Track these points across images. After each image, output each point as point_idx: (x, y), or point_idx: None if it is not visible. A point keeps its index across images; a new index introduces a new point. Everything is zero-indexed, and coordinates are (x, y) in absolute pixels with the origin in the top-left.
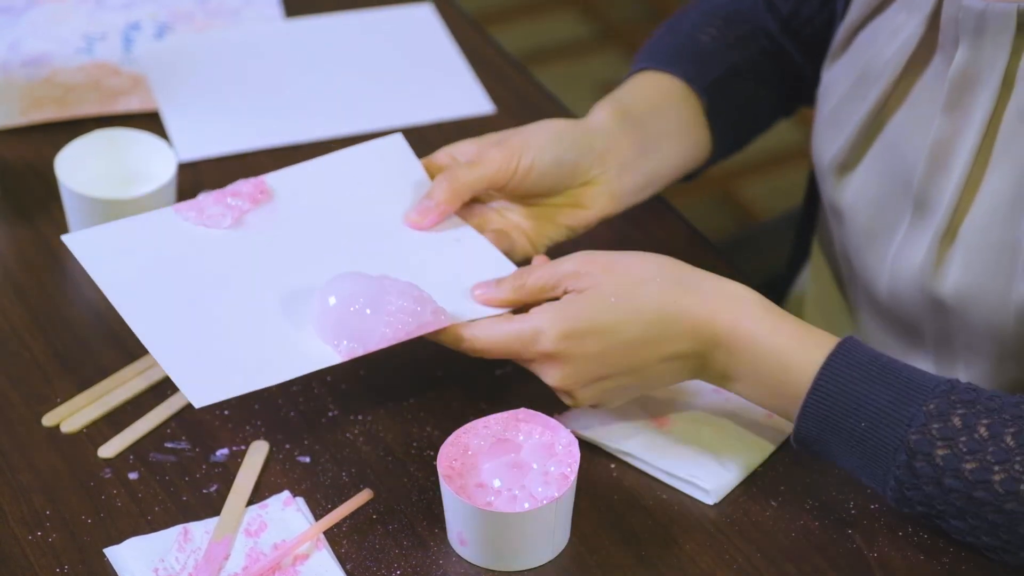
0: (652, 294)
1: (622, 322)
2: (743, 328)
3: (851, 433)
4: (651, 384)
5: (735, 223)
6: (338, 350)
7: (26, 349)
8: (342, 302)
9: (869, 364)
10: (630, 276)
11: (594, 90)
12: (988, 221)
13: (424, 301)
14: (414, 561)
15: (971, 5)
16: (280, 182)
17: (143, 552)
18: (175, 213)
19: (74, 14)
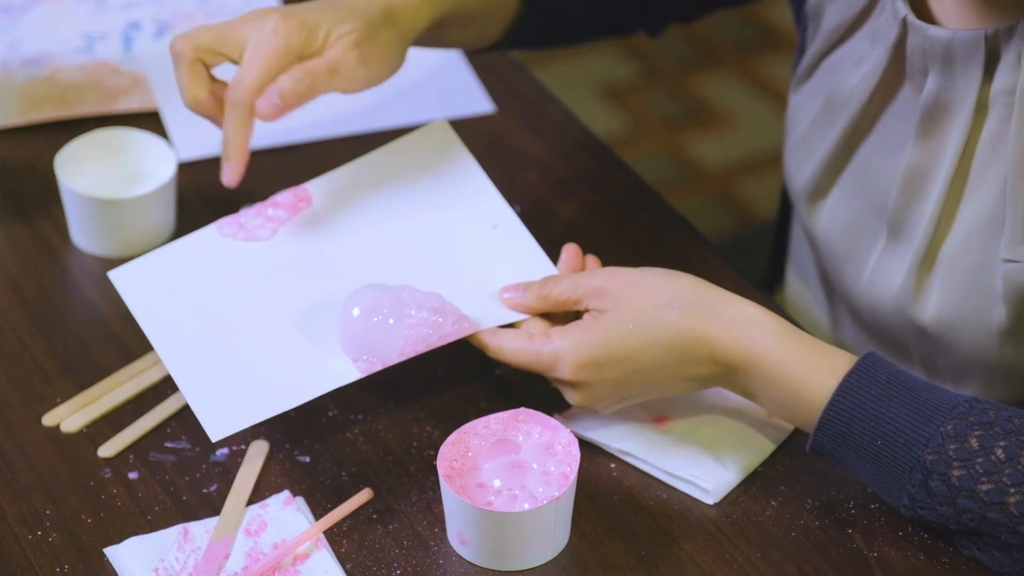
0: (670, 320)
1: (639, 350)
2: (758, 355)
3: (866, 450)
4: (673, 395)
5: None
6: (357, 366)
7: (26, 349)
8: (363, 314)
9: (888, 382)
10: (650, 299)
11: (595, 90)
12: (965, 247)
13: (446, 312)
14: (414, 561)
15: (937, 35)
16: (321, 187)
17: (143, 552)
18: (218, 231)
19: (74, 13)
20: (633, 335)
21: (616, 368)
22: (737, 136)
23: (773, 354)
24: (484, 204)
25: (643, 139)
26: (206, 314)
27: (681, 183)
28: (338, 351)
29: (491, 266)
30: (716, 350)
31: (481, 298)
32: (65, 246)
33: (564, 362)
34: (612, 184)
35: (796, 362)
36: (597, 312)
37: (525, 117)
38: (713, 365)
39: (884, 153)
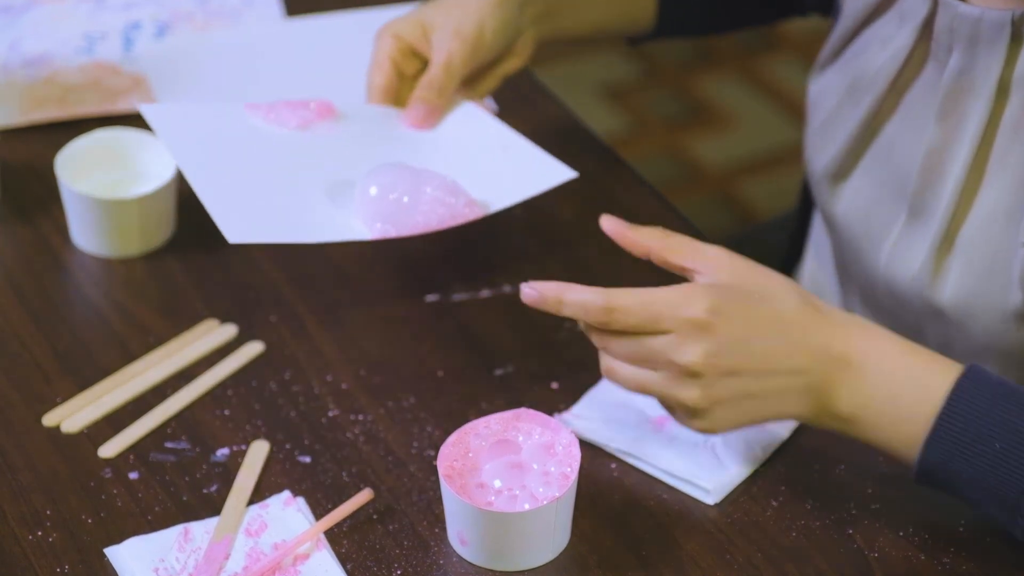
0: (792, 296)
1: (767, 312)
2: (876, 347)
3: (983, 456)
4: (769, 405)
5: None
6: (371, 229)
7: (26, 349)
8: (382, 190)
9: (998, 386)
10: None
11: (595, 90)
12: (985, 230)
13: (458, 193)
14: (414, 561)
15: (967, 13)
16: (349, 108)
17: (143, 552)
18: (245, 109)
19: (74, 14)
20: (756, 293)
21: (744, 321)
22: (738, 136)
23: (893, 345)
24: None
25: (644, 139)
26: (230, 153)
27: (682, 183)
28: (353, 215)
29: (497, 162)
30: (831, 340)
31: (493, 181)
32: (66, 246)
33: (698, 298)
34: (613, 184)
35: (915, 356)
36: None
37: (525, 117)
38: (826, 356)
39: (907, 134)
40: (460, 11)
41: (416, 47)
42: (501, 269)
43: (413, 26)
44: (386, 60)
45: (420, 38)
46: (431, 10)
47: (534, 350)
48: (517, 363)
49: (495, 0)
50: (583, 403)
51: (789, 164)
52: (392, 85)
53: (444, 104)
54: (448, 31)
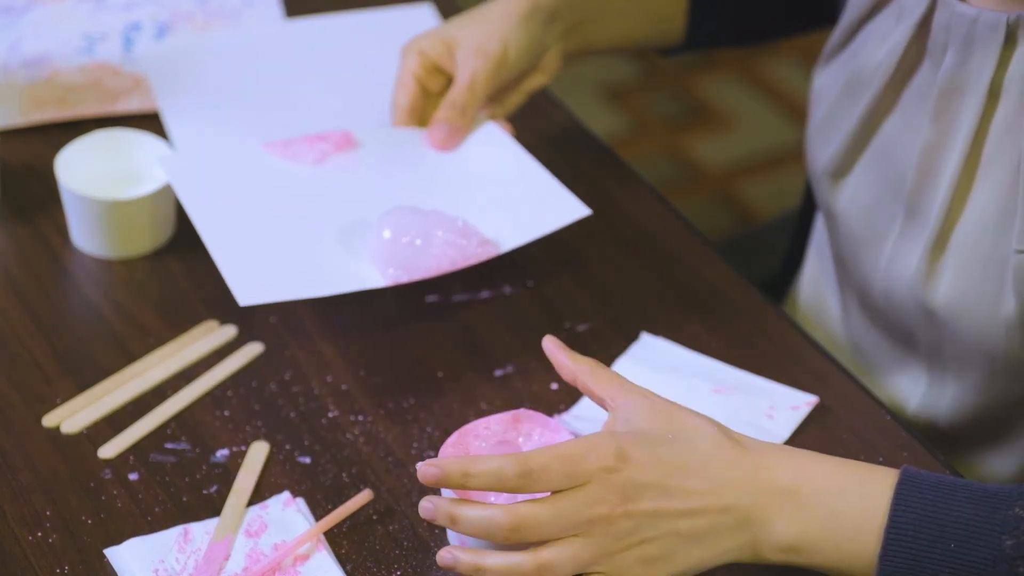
0: (708, 440)
1: (681, 452)
2: (805, 469)
3: (941, 559)
4: (704, 548)
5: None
6: (384, 275)
7: (26, 350)
8: (395, 234)
9: (938, 485)
10: (687, 422)
11: (596, 92)
12: (978, 233)
13: (470, 234)
14: (414, 562)
15: (964, 12)
16: (367, 135)
17: (143, 553)
18: (264, 148)
19: (74, 14)
20: (668, 436)
21: (651, 469)
22: (738, 137)
23: (822, 467)
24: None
25: (644, 139)
26: (245, 204)
27: (682, 183)
28: (365, 262)
29: (512, 198)
30: (761, 465)
31: (502, 223)
32: (66, 247)
33: (605, 442)
34: (612, 185)
35: (847, 471)
36: (627, 420)
37: (525, 118)
38: (753, 488)
39: (904, 131)
40: (484, 28)
41: (440, 64)
42: (501, 270)
43: (437, 43)
44: (411, 78)
45: (444, 55)
46: (455, 27)
47: (534, 351)
48: (517, 364)
49: (521, 16)
50: (583, 403)
51: (789, 165)
52: (417, 104)
53: (468, 123)
54: (472, 49)
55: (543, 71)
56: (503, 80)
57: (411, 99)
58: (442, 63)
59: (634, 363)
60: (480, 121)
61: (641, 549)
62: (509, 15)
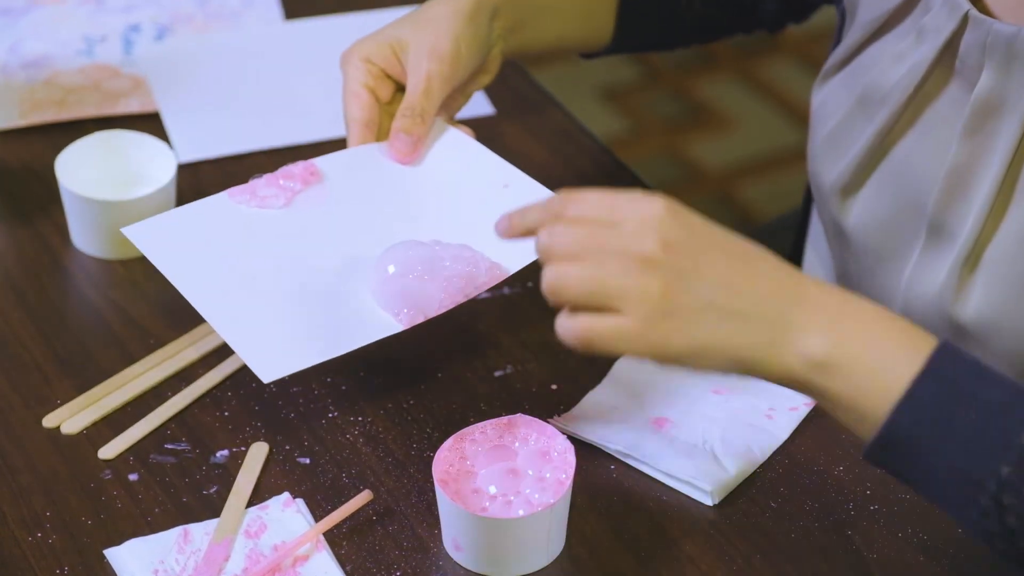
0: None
1: (734, 240)
2: (855, 298)
3: (955, 428)
4: (733, 327)
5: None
6: (399, 318)
7: (26, 351)
8: (400, 271)
9: (976, 361)
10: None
11: (594, 92)
12: (1013, 252)
13: (478, 261)
14: (414, 562)
15: (1002, 30)
16: (330, 164)
17: (143, 553)
18: (229, 198)
19: (74, 16)
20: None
21: (702, 235)
22: (737, 138)
23: (867, 304)
24: (492, 168)
25: (643, 141)
26: (233, 269)
27: (681, 185)
28: (376, 306)
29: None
30: (810, 281)
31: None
32: (65, 248)
33: (654, 201)
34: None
35: (894, 319)
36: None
37: (525, 119)
38: (798, 294)
39: (925, 150)
40: (432, 28)
41: (388, 71)
42: None
43: (383, 48)
44: (362, 89)
45: (392, 60)
46: (398, 29)
47: (534, 351)
48: (517, 365)
49: (467, 14)
50: (583, 404)
51: (789, 166)
52: (373, 117)
53: (427, 131)
54: (423, 51)
55: (487, 71)
56: (457, 81)
57: (366, 112)
58: (390, 69)
59: (634, 363)
60: (439, 128)
61: (668, 295)
62: (456, 13)
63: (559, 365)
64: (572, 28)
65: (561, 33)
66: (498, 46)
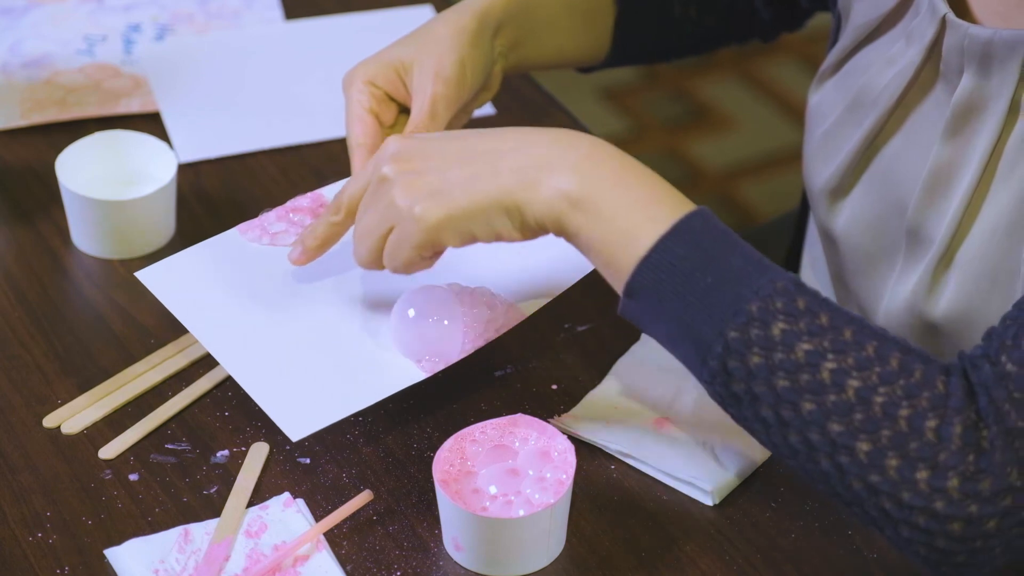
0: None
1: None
2: (602, 155)
3: (692, 289)
4: (480, 167)
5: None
6: (421, 366)
7: (27, 351)
8: (419, 315)
9: (725, 231)
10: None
11: (594, 93)
12: (985, 247)
13: (495, 305)
14: (414, 562)
15: (977, 33)
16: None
17: (143, 553)
18: (239, 235)
19: (75, 15)
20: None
21: (437, 136)
22: (737, 138)
23: (619, 162)
24: None
25: (643, 141)
26: (250, 314)
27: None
28: (396, 352)
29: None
30: (556, 135)
31: (525, 281)
32: (66, 247)
33: (386, 145)
34: None
35: (643, 179)
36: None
37: (525, 119)
38: (560, 139)
39: (910, 152)
40: (436, 49)
41: (392, 93)
42: None
43: (386, 70)
44: (365, 114)
45: (396, 83)
46: (403, 49)
47: (534, 351)
48: (517, 364)
49: (472, 33)
50: (583, 404)
51: (788, 166)
52: (377, 142)
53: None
54: (428, 73)
55: (489, 88)
56: (463, 103)
57: (370, 137)
58: (394, 92)
59: (634, 363)
60: None
61: (415, 185)
62: (460, 34)
63: (559, 365)
64: (571, 43)
65: (560, 48)
66: (499, 63)
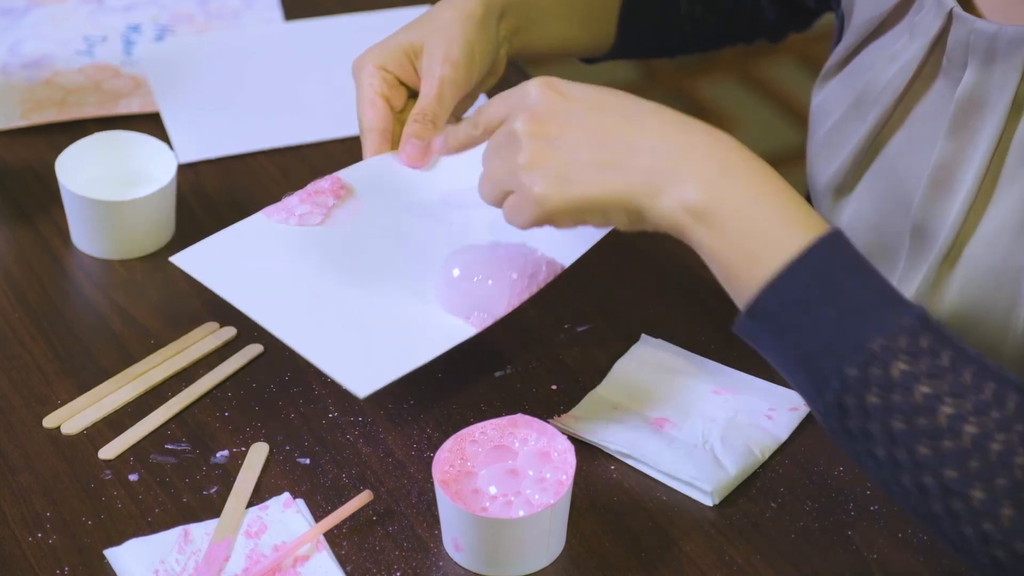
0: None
1: (621, 96)
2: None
3: (815, 321)
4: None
5: None
6: (470, 322)
7: (27, 351)
8: (464, 275)
9: (856, 258)
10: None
11: None
12: (991, 245)
13: (536, 260)
14: (414, 563)
15: (983, 28)
16: (355, 176)
17: (143, 553)
18: (266, 218)
19: (74, 16)
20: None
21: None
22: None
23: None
24: None
25: None
26: (295, 288)
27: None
28: (443, 312)
29: None
30: (710, 133)
31: (559, 239)
32: (66, 248)
33: (529, 86)
34: None
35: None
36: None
37: None
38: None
39: (913, 148)
40: (445, 34)
41: (402, 78)
42: None
43: (396, 54)
44: (377, 98)
45: (406, 67)
46: (412, 34)
47: (534, 351)
48: (517, 365)
49: (479, 18)
50: (583, 404)
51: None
52: (389, 126)
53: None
54: (437, 57)
55: (494, 72)
56: (470, 87)
57: (382, 121)
58: (404, 76)
59: (634, 363)
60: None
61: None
62: (468, 18)
63: (559, 365)
64: (575, 32)
65: (564, 36)
66: (504, 47)
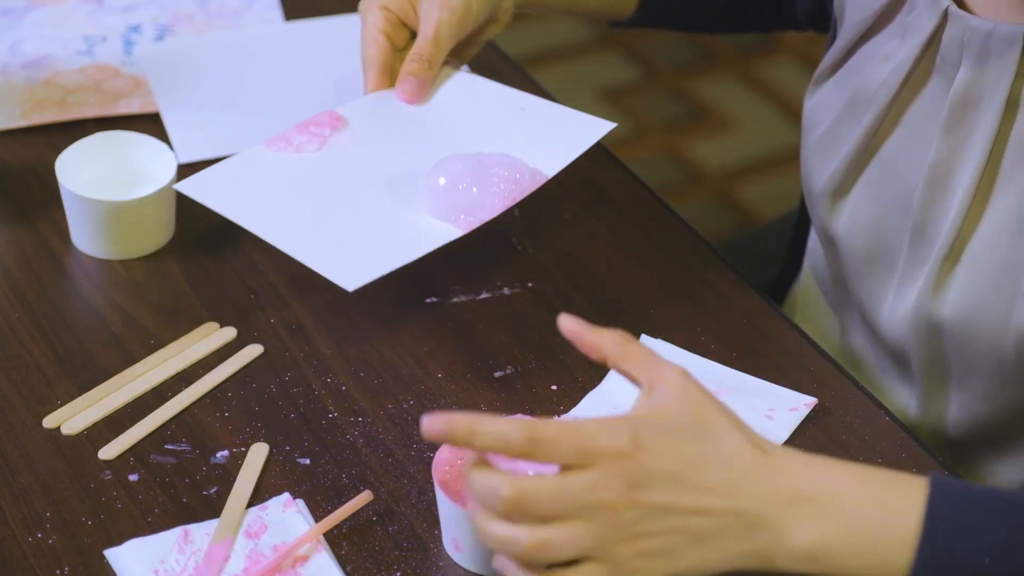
0: (735, 442)
1: (703, 449)
2: (829, 477)
3: (974, 574)
4: (707, 549)
5: (734, 225)
6: (457, 224)
7: (26, 351)
8: (451, 182)
9: (967, 491)
10: (717, 418)
11: (594, 92)
12: (992, 244)
13: (520, 168)
14: (414, 563)
15: (978, 26)
16: (352, 111)
17: (143, 554)
18: (265, 148)
19: (74, 16)
20: (694, 429)
21: (669, 459)
22: (737, 139)
23: (846, 475)
24: (507, 96)
25: (643, 141)
26: (292, 202)
27: (681, 185)
28: (431, 218)
29: (536, 129)
30: (783, 472)
31: (538, 152)
32: (66, 248)
33: (618, 431)
34: (611, 186)
35: (871, 484)
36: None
37: None
38: (772, 495)
39: (909, 148)
40: None
41: (404, 19)
42: (500, 271)
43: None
44: (379, 35)
45: (407, 9)
46: None
47: (534, 352)
48: (517, 365)
49: None
50: (583, 405)
51: (788, 166)
52: (388, 59)
53: (434, 76)
54: (435, 1)
55: (498, 21)
56: (467, 31)
57: (383, 56)
58: (405, 17)
59: None
60: (451, 73)
61: (643, 542)
62: None
63: (559, 365)
64: None
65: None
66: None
